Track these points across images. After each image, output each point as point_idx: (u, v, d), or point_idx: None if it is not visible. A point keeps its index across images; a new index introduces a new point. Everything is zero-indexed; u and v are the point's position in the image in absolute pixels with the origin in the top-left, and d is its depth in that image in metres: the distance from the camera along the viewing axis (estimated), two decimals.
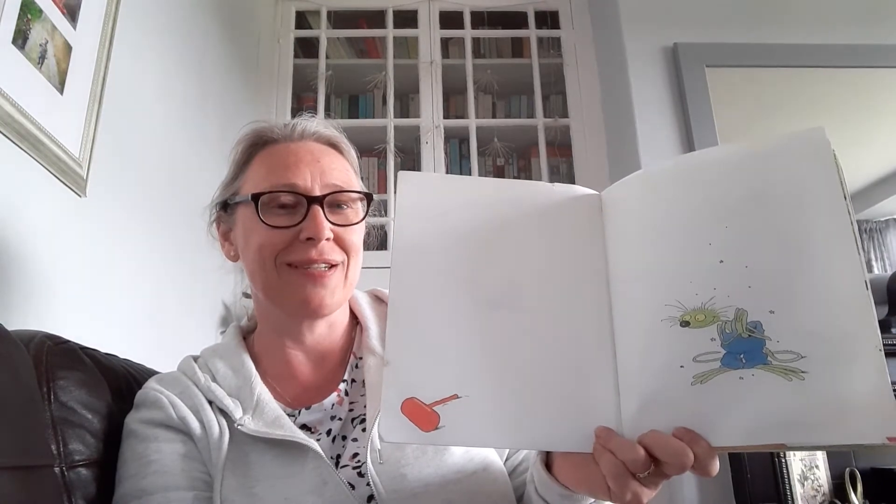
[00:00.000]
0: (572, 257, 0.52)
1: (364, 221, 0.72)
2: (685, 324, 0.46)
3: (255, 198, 0.66)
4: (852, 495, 1.45)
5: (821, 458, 1.51)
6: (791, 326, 0.43)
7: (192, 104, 1.52)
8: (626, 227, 0.51)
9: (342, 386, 0.71)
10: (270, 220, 0.66)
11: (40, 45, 0.87)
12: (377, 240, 1.00)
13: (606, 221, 0.53)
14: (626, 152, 2.01)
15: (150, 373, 0.79)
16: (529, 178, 2.34)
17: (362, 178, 0.76)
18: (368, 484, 0.61)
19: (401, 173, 0.53)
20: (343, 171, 0.71)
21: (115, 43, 1.07)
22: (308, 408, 0.68)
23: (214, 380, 0.68)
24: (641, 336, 0.48)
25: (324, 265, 0.66)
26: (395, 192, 2.11)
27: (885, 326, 1.66)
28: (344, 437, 0.67)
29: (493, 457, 0.68)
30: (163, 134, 1.34)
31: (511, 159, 2.35)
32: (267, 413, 0.65)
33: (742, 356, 0.44)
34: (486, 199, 0.54)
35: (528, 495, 0.62)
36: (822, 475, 1.49)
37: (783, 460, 1.45)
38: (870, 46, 2.01)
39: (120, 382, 0.71)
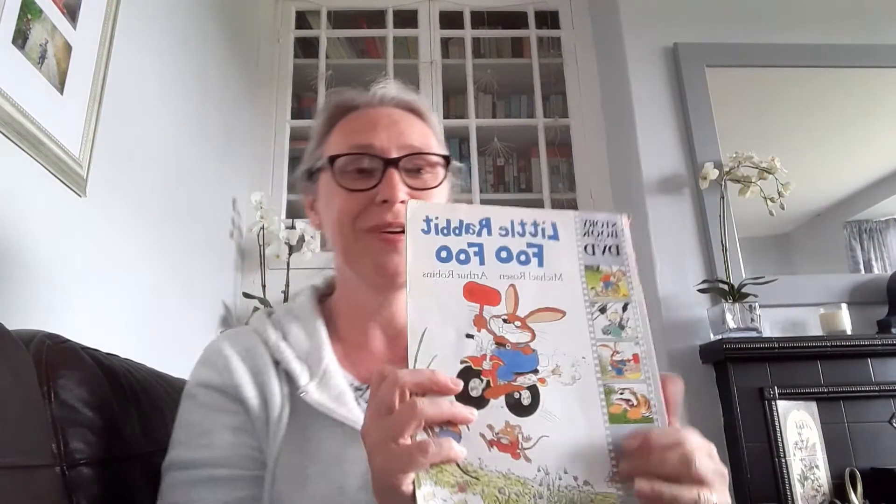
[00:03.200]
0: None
1: (443, 185, 0.70)
2: None
3: (332, 160, 0.67)
4: (852, 495, 1.45)
5: (821, 458, 1.51)
6: None
7: (192, 104, 1.52)
8: None
9: None
10: (347, 184, 0.66)
11: (40, 45, 0.87)
12: None
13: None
14: (626, 152, 2.01)
15: (151, 372, 0.78)
16: (529, 178, 2.35)
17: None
18: None
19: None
20: (422, 136, 0.70)
21: (115, 43, 1.07)
22: None
23: (285, 339, 0.67)
24: None
25: (399, 229, 0.64)
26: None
27: (885, 326, 1.66)
28: None
29: None
30: (163, 134, 1.34)
31: (511, 159, 2.35)
32: (332, 386, 0.63)
33: None
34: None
35: None
36: (822, 475, 1.49)
37: (783, 460, 1.45)
38: (870, 46, 2.01)
39: (120, 382, 0.71)
